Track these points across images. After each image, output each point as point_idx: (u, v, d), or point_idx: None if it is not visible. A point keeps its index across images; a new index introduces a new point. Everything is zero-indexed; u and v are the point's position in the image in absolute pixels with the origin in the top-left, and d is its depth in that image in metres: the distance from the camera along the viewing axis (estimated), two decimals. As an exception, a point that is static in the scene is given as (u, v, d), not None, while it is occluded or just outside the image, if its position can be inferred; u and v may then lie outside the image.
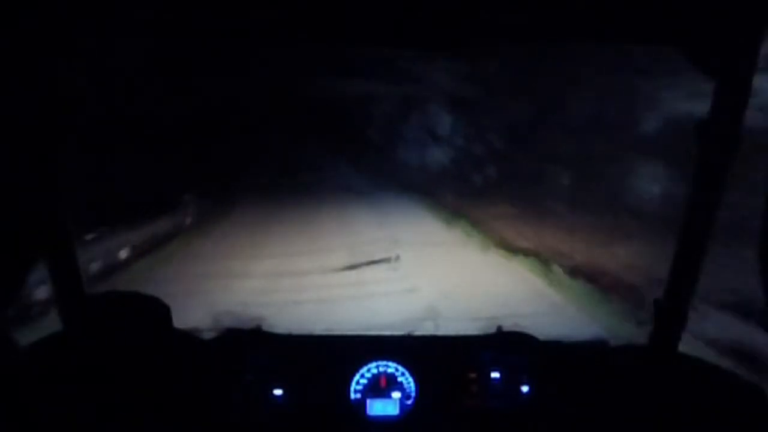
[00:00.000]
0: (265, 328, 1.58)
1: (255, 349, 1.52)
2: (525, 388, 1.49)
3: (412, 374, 1.51)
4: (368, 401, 1.49)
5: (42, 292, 3.83)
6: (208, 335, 1.57)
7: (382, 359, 1.52)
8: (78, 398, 1.33)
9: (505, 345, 1.55)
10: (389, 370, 1.52)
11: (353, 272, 6.32)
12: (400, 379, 1.51)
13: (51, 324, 1.45)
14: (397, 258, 6.87)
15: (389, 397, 1.50)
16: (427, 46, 1.36)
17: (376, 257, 6.87)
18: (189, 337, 1.51)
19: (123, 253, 6.44)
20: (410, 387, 1.51)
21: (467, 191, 9.07)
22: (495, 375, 1.50)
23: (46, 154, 1.31)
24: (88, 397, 1.34)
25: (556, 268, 6.11)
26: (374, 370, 1.52)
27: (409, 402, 1.50)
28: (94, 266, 5.69)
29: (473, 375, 1.50)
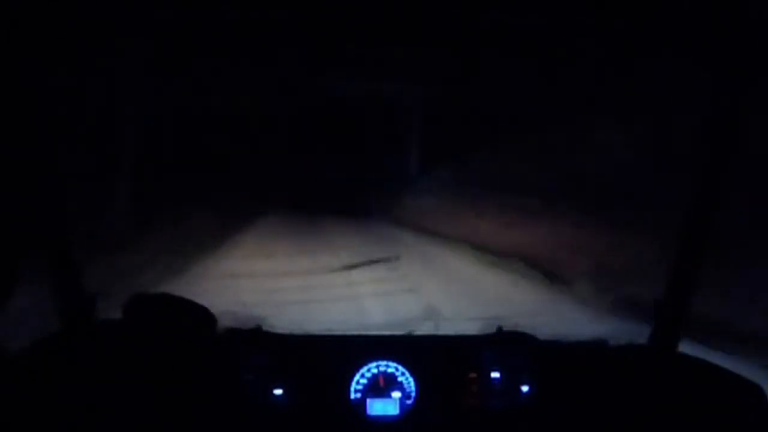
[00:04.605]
0: (265, 328, 1.58)
1: (255, 349, 1.52)
2: (525, 388, 1.49)
3: (412, 374, 1.51)
4: (368, 401, 1.49)
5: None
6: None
7: (382, 359, 1.52)
8: (77, 397, 1.33)
9: (505, 345, 1.55)
10: (389, 370, 1.52)
11: (353, 272, 6.31)
12: (400, 379, 1.51)
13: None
14: (397, 258, 6.86)
15: (389, 397, 1.50)
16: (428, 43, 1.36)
17: (376, 257, 6.86)
18: (188, 336, 1.51)
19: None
20: (410, 387, 1.51)
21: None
22: (495, 375, 1.50)
23: (45, 159, 1.32)
24: (88, 397, 1.34)
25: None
26: (374, 370, 1.52)
27: (409, 402, 1.50)
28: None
29: (473, 375, 1.50)
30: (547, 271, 5.80)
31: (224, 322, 1.56)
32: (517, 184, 7.49)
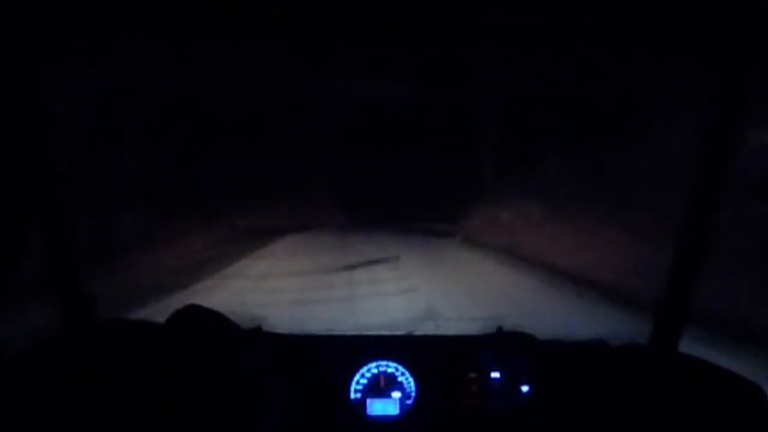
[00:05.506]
0: (265, 328, 1.58)
1: (255, 349, 1.52)
2: (525, 388, 1.49)
3: (412, 374, 1.51)
4: (368, 401, 1.50)
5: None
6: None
7: (382, 359, 1.52)
8: (78, 398, 1.33)
9: (505, 345, 1.55)
10: (389, 370, 1.52)
11: (353, 272, 6.31)
12: (400, 379, 1.52)
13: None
14: (397, 258, 6.86)
15: (389, 397, 1.50)
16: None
17: (376, 257, 6.86)
18: (189, 336, 1.51)
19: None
20: (410, 387, 1.51)
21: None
22: (495, 375, 1.50)
23: (46, 160, 1.32)
24: (87, 397, 1.34)
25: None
26: (374, 370, 1.52)
27: (409, 402, 1.50)
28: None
29: (473, 375, 1.50)
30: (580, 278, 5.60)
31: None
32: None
